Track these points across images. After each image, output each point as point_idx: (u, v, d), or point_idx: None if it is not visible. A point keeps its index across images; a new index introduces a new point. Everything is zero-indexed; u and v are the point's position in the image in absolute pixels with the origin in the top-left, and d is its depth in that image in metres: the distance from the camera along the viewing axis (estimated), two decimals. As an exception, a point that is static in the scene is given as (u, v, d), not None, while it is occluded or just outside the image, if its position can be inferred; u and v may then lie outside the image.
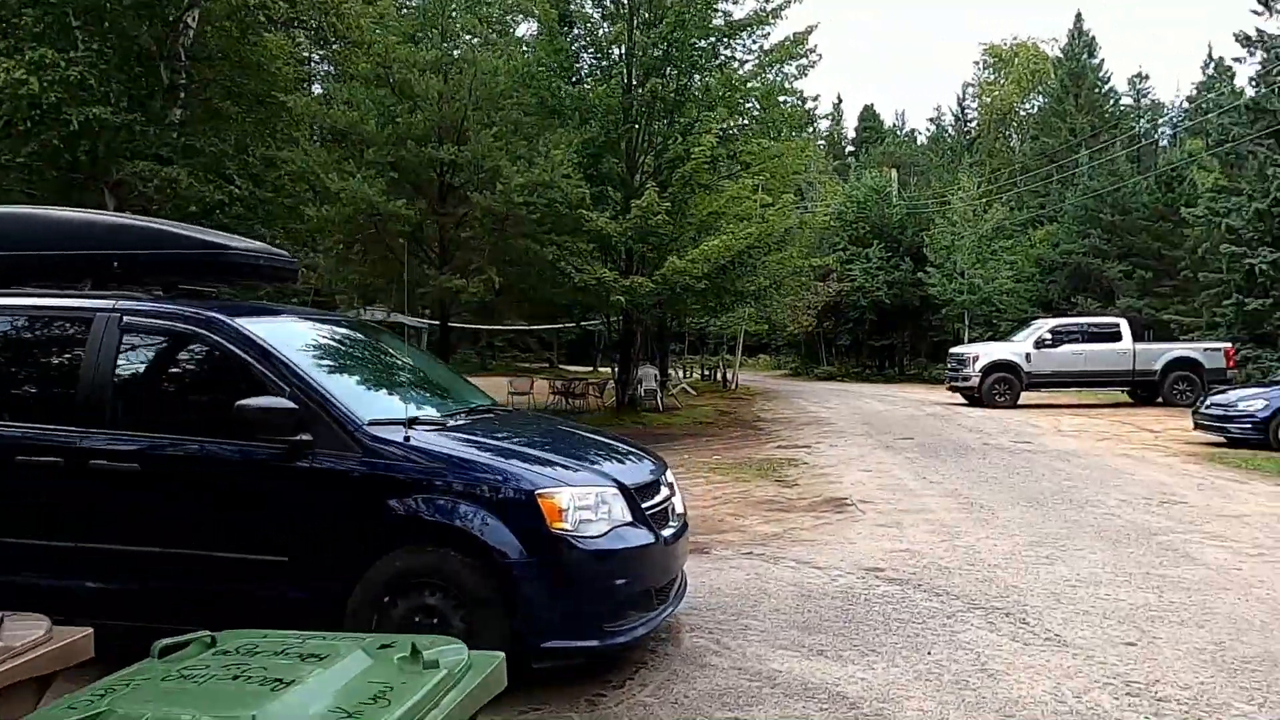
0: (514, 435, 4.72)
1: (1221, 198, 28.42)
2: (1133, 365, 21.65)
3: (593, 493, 4.16)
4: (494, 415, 5.18)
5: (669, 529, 4.64)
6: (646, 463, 4.89)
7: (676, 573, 4.79)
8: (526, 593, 3.94)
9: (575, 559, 3.99)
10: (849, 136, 71.18)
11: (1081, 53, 47.37)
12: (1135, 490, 9.85)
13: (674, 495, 5.00)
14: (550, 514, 3.97)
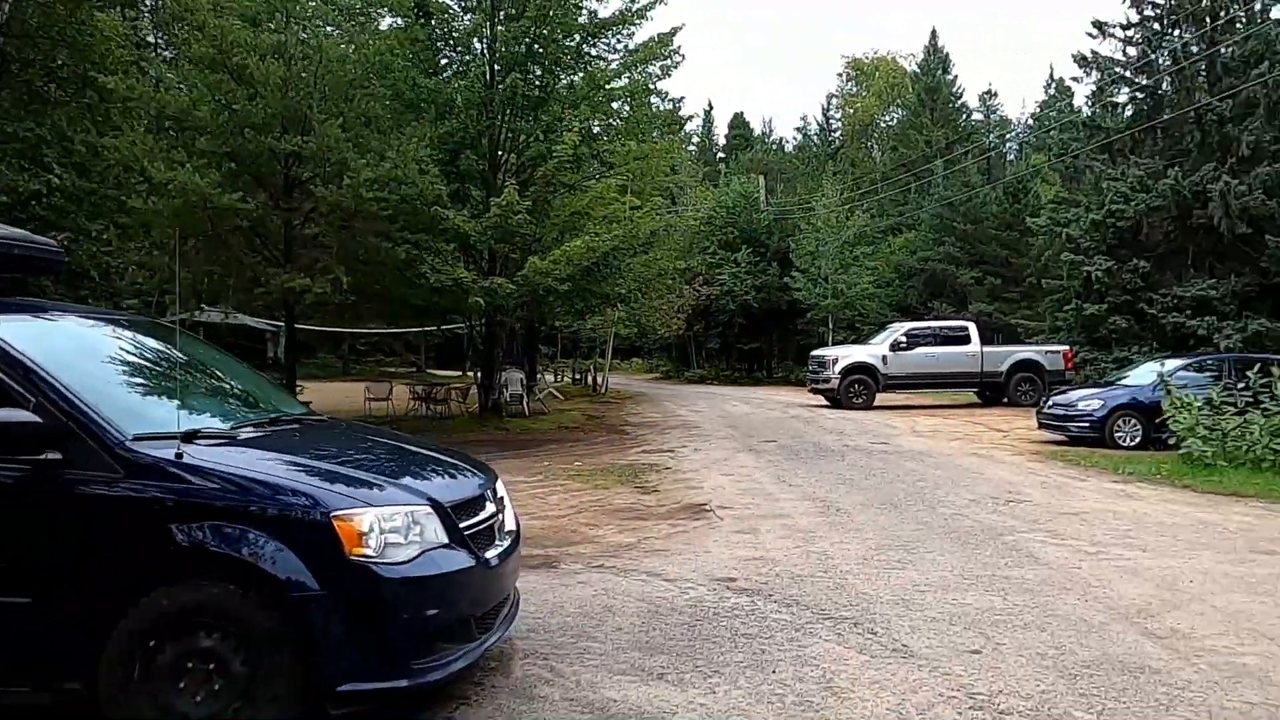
0: (317, 449, 4.20)
1: (1062, 209, 30.11)
2: (980, 367, 22.68)
3: (401, 513, 3.70)
4: (299, 426, 4.63)
5: (495, 549, 4.22)
6: (470, 476, 4.45)
7: (504, 595, 4.37)
8: (321, 630, 3.44)
9: (378, 589, 3.52)
10: (720, 143, 72.25)
11: (937, 69, 49.57)
12: (984, 490, 10.05)
13: (504, 510, 4.59)
14: (349, 539, 3.49)
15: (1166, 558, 6.80)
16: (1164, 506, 9.03)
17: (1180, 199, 25.64)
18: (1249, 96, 25.21)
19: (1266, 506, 9.06)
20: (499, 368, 19.74)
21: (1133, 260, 26.29)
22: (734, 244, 37.96)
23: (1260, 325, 23.84)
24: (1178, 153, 27.01)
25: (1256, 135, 24.81)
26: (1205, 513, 8.67)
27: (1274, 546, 7.11)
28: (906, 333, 23.32)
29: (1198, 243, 26.11)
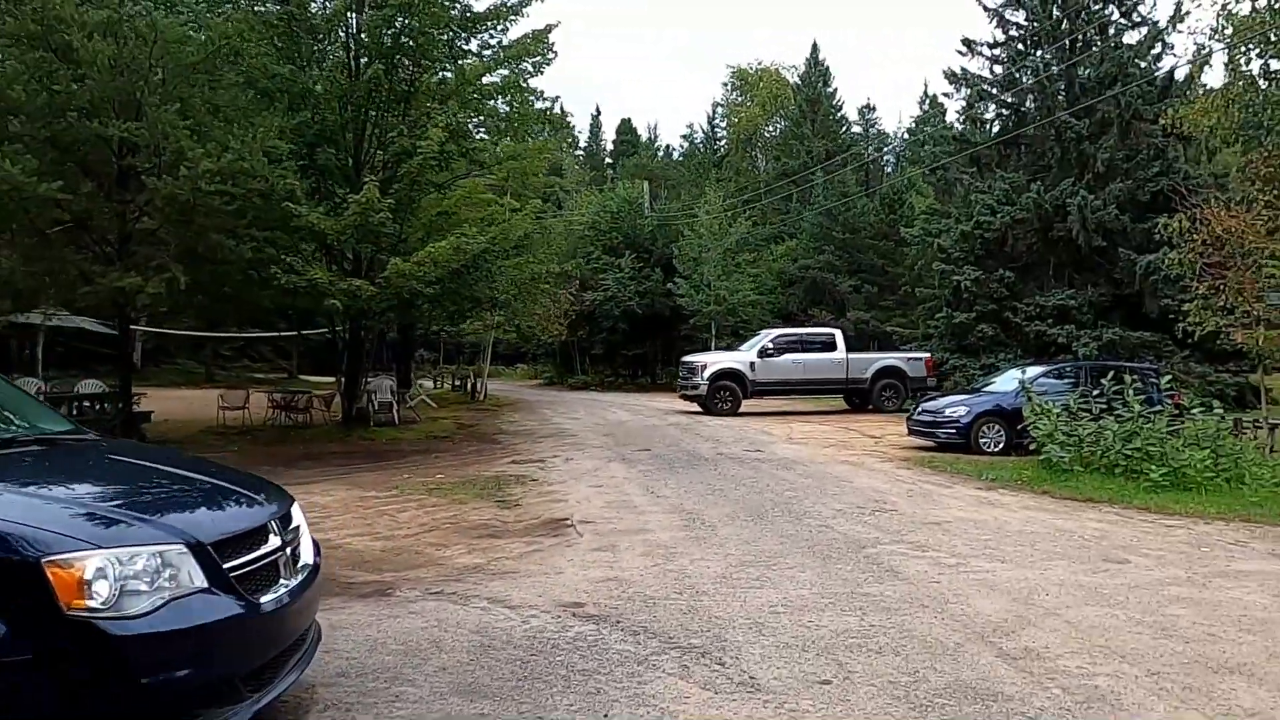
0: (55, 477, 3.52)
1: (934, 220, 31.04)
2: (846, 374, 23.02)
3: (145, 554, 3.07)
4: (41, 449, 3.91)
5: (278, 589, 3.61)
6: (251, 505, 3.83)
7: (293, 639, 3.77)
8: (29, 703, 2.79)
9: (105, 649, 2.89)
10: (608, 149, 72.09)
11: (818, 81, 50.62)
12: (851, 499, 9.91)
13: (298, 541, 3.99)
14: (65, 588, 2.85)
15: (1024, 569, 6.69)
16: (1024, 514, 9.05)
17: (1042, 212, 26.73)
18: (1104, 116, 26.49)
19: (1119, 512, 9.20)
20: (366, 374, 18.77)
21: (999, 270, 27.25)
22: (618, 249, 37.68)
23: (1114, 334, 25.03)
24: (1040, 168, 28.18)
25: (1110, 153, 26.08)
26: (1062, 520, 8.71)
27: (1125, 555, 7.12)
28: (774, 339, 23.52)
29: (1058, 254, 27.28)
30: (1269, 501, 9.41)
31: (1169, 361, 24.77)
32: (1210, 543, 7.65)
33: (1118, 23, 28.21)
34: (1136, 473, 10.54)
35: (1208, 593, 6.02)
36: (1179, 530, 8.19)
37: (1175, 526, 8.40)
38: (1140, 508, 9.36)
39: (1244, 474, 10.37)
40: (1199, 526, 8.39)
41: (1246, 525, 8.50)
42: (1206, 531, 8.14)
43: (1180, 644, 4.96)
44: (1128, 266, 25.43)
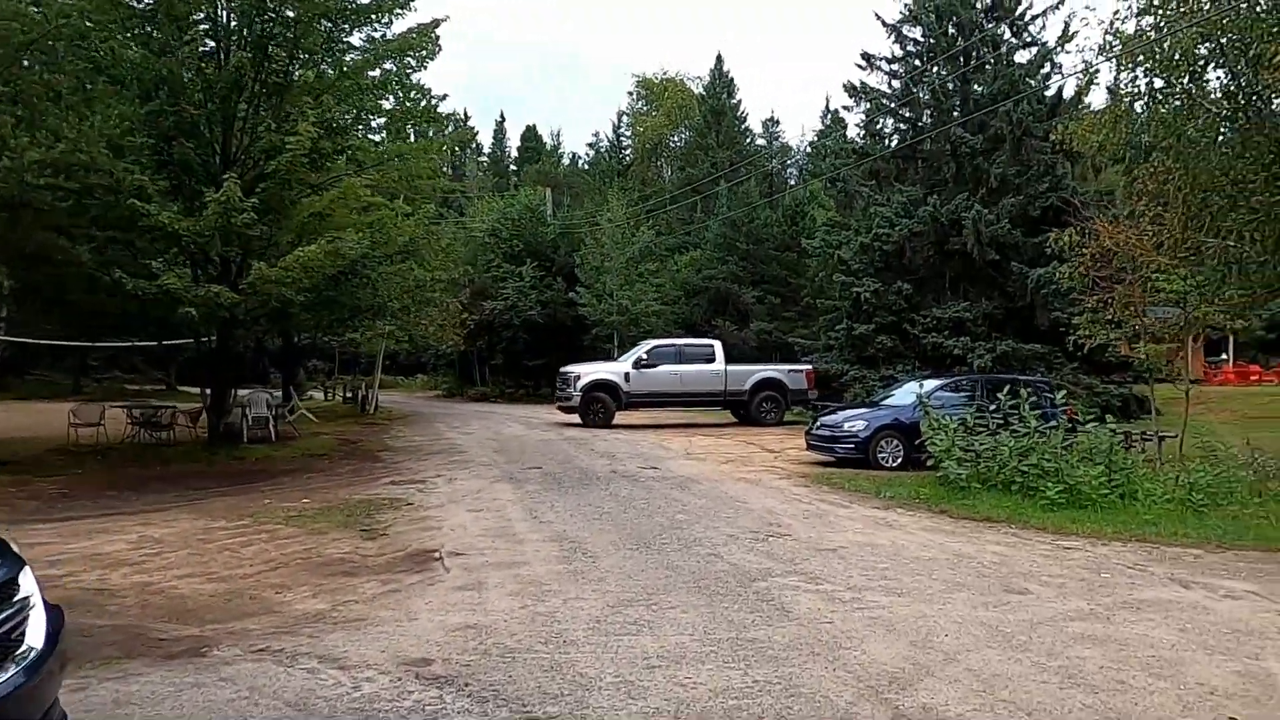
0: None
1: (834, 232, 31.13)
2: (724, 386, 22.58)
3: None
4: None
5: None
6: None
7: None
8: None
9: None
10: (512, 156, 70.97)
11: (722, 93, 50.71)
12: (745, 523, 9.35)
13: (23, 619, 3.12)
14: None
15: (922, 603, 6.21)
16: (922, 537, 8.65)
17: (938, 225, 27.02)
18: (997, 132, 26.98)
19: (1017, 533, 8.89)
20: (236, 387, 17.45)
21: (898, 282, 27.42)
22: (519, 257, 36.74)
23: (1007, 346, 25.40)
24: (937, 182, 28.53)
25: (1003, 169, 26.54)
26: (961, 543, 8.33)
27: (1026, 584, 6.72)
28: (650, 350, 23.11)
29: (954, 267, 27.63)
30: (1162, 519, 9.25)
31: (1059, 373, 25.29)
32: (1110, 567, 7.34)
33: (1009, 42, 28.86)
34: (1033, 490, 10.31)
35: (1113, 628, 5.63)
36: (1078, 553, 7.89)
37: (1074, 549, 8.09)
38: (1038, 528, 9.08)
39: (1137, 489, 10.25)
40: (1097, 548, 8.11)
41: (1143, 545, 8.28)
42: (1105, 554, 7.85)
43: (1088, 695, 4.50)
44: (1020, 280, 25.88)
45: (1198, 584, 6.75)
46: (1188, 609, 6.03)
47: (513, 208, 38.68)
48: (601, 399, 21.98)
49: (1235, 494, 9.99)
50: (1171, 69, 14.47)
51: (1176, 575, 7.05)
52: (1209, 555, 7.88)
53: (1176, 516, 9.39)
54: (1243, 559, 7.78)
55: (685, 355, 23.08)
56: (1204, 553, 8.00)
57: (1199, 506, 9.61)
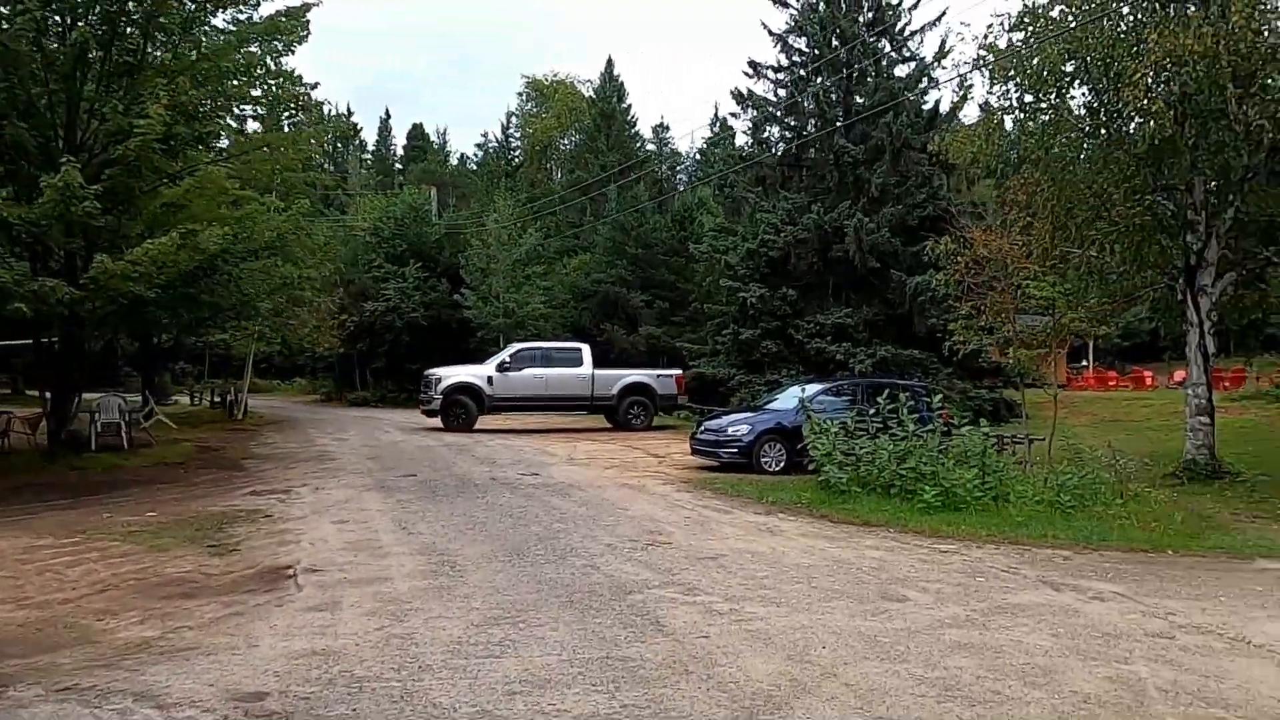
0: None
1: (722, 237, 31.33)
2: (591, 390, 22.20)
3: None
4: None
5: None
6: None
7: None
8: None
9: None
10: (398, 154, 69.13)
11: (612, 96, 50.60)
12: (625, 530, 9.05)
13: None
14: None
15: (801, 613, 6.02)
16: (802, 542, 8.52)
17: (822, 233, 27.50)
18: (878, 143, 27.66)
19: (896, 537, 8.87)
20: (84, 391, 16.10)
21: (783, 288, 27.79)
22: (403, 257, 35.59)
23: (887, 351, 26.02)
24: (821, 190, 29.04)
25: (884, 178, 27.22)
26: (841, 548, 8.24)
27: (904, 590, 6.63)
28: (515, 353, 22.74)
29: (837, 274, 28.16)
30: (1033, 521, 9.42)
31: (935, 378, 26.07)
32: (985, 570, 7.35)
33: (889, 55, 29.68)
34: (911, 493, 10.37)
35: (988, 634, 5.55)
36: (954, 557, 7.89)
37: (950, 552, 8.11)
38: (916, 531, 9.10)
39: (1009, 491, 10.44)
40: (972, 551, 8.15)
41: (1015, 548, 8.36)
42: (980, 557, 7.88)
43: (966, 707, 4.35)
44: (899, 287, 26.57)
45: (1068, 586, 6.80)
46: (1059, 613, 6.03)
47: (396, 207, 37.47)
48: (463, 403, 21.42)
49: (1100, 495, 10.28)
50: (1040, 85, 15.00)
51: (1048, 578, 7.10)
52: (1077, 556, 8.01)
53: (1046, 518, 9.57)
54: (1108, 559, 7.94)
55: (551, 358, 22.65)
56: (1073, 554, 8.13)
57: (1067, 508, 9.84)
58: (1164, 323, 18.36)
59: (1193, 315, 15.24)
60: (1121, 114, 14.73)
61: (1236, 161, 14.03)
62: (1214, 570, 7.50)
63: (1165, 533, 9.15)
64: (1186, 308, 15.46)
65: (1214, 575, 7.28)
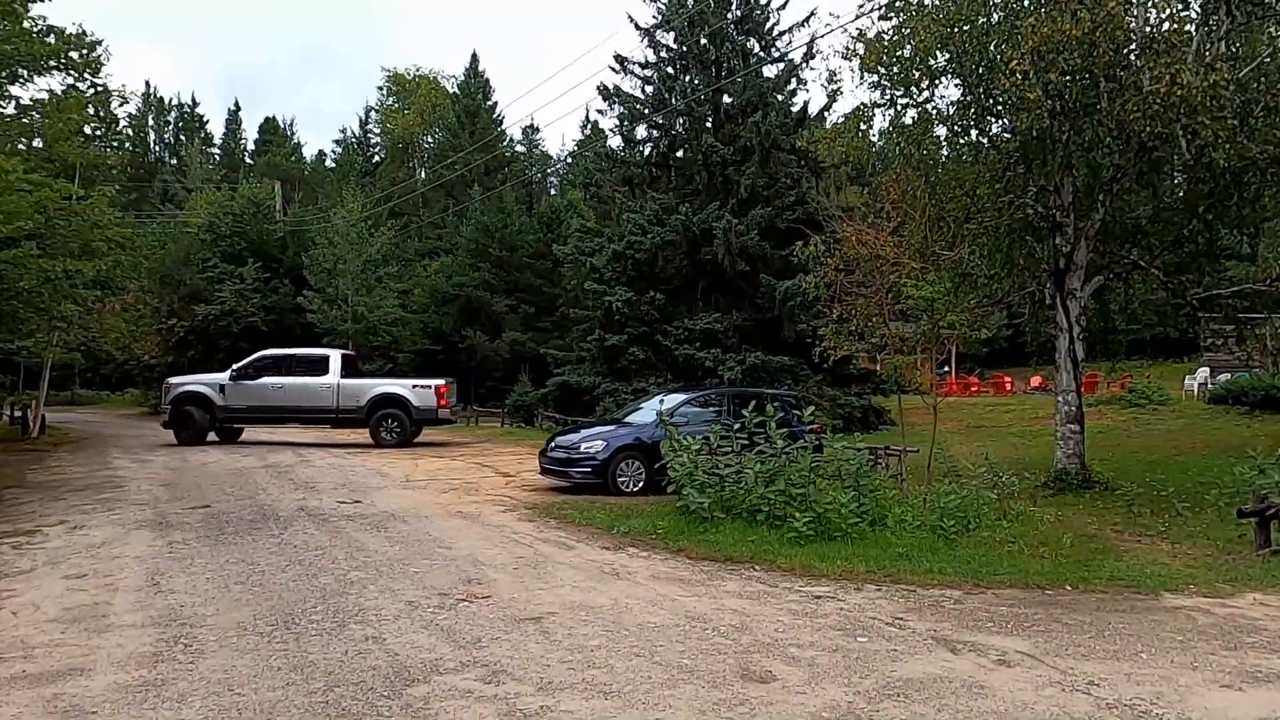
0: None
1: (587, 238, 29.87)
2: (336, 401, 20.11)
3: None
4: None
5: None
6: None
7: None
8: None
9: None
10: (249, 149, 64.75)
11: (477, 93, 48.56)
12: (438, 579, 7.35)
13: None
14: None
15: (637, 708, 4.51)
16: (652, 589, 7.04)
17: (690, 235, 26.43)
18: (747, 144, 26.82)
19: (763, 577, 7.52)
20: None
21: (650, 292, 26.57)
22: (241, 257, 32.57)
23: (756, 358, 25.14)
24: (690, 191, 27.99)
25: (753, 180, 26.38)
26: (697, 597, 6.80)
27: (771, 663, 5.22)
28: (254, 361, 20.66)
29: (706, 277, 27.14)
30: (914, 550, 8.27)
31: (805, 385, 25.36)
32: (866, 624, 6.05)
33: (758, 55, 28.95)
34: (780, 519, 9.08)
35: (877, 734, 4.18)
36: (829, 605, 6.58)
37: (825, 598, 6.79)
38: (785, 569, 7.77)
39: (887, 514, 9.29)
40: (851, 596, 6.86)
41: (899, 588, 7.14)
42: (860, 605, 6.59)
43: None
44: (769, 292, 25.77)
45: (966, 646, 5.56)
46: (963, 691, 4.74)
47: (236, 202, 34.33)
48: (190, 414, 19.50)
49: (983, 517, 9.27)
50: (910, 80, 14.19)
51: (941, 633, 5.86)
52: (969, 598, 6.84)
53: (929, 546, 8.45)
54: (1003, 600, 6.80)
55: (293, 366, 20.46)
56: (963, 594, 6.97)
57: (950, 534, 8.76)
58: (1030, 327, 17.95)
59: (1062, 320, 14.73)
60: (993, 110, 14.09)
61: (1107, 159, 13.54)
62: (1122, 612, 6.45)
63: (1057, 561, 8.17)
64: (1056, 312, 14.97)
65: (1124, 621, 6.21)
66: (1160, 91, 10.96)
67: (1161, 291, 16.04)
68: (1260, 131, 12.60)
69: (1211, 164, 12.37)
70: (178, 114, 61.42)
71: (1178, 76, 10.94)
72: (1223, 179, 13.28)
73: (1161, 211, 15.13)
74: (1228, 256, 23.38)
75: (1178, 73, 10.99)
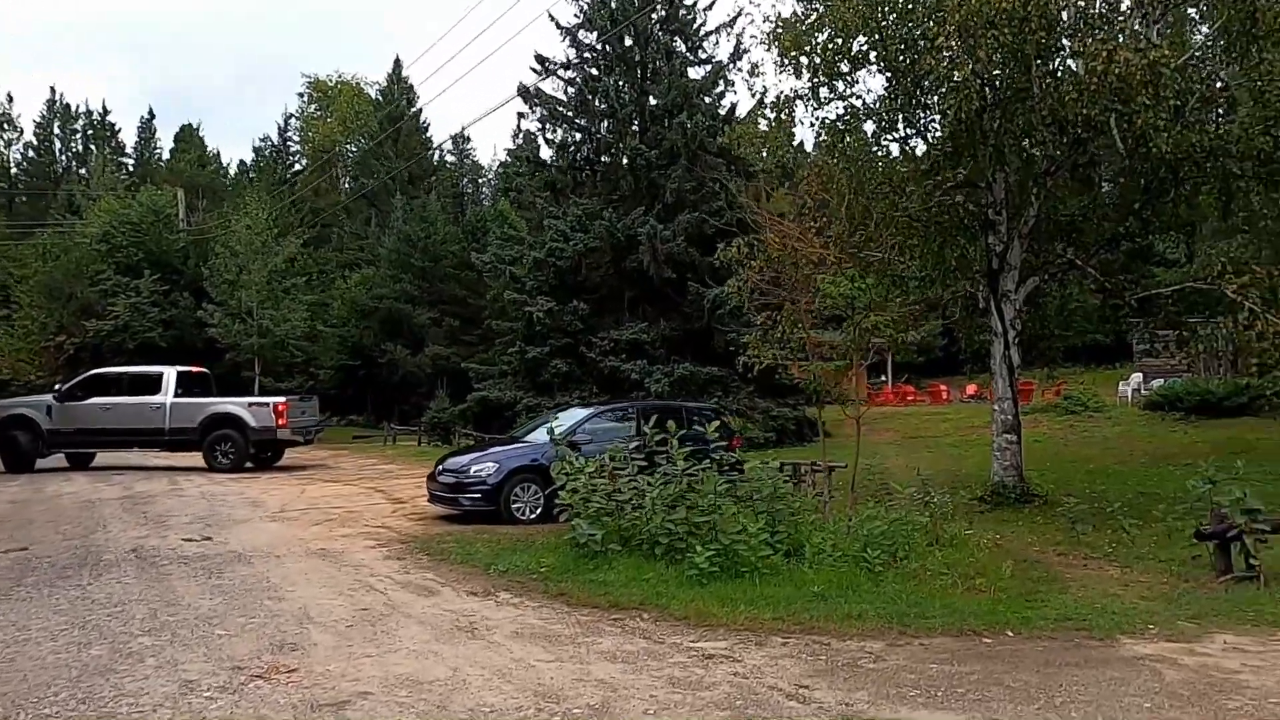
0: None
1: (508, 246, 28.51)
2: (166, 422, 18.22)
3: None
4: None
5: None
6: None
7: None
8: None
9: None
10: (163, 158, 61.87)
11: (400, 99, 46.86)
12: (244, 645, 5.90)
13: None
14: None
15: None
16: (508, 653, 5.70)
17: (615, 242, 25.23)
18: (673, 146, 25.73)
19: (650, 630, 6.22)
20: None
21: (574, 302, 25.28)
22: (138, 268, 30.41)
23: (685, 369, 23.98)
24: (614, 196, 26.79)
25: (679, 183, 25.26)
26: (559, 663, 5.48)
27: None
28: (83, 380, 19.04)
29: (632, 286, 25.95)
30: (833, 589, 7.07)
31: (735, 396, 24.27)
32: (762, 698, 4.79)
33: (684, 55, 27.92)
34: (682, 553, 7.80)
35: None
36: (720, 669, 5.31)
37: (717, 658, 5.52)
38: (679, 617, 6.50)
39: (803, 542, 8.09)
40: (750, 655, 5.60)
41: (810, 640, 5.91)
42: (758, 668, 5.34)
43: None
44: (697, 300, 24.67)
45: (882, 729, 4.33)
46: (874, 810, 3.49)
47: (133, 210, 32.12)
48: (15, 438, 17.84)
49: (913, 545, 8.12)
50: (834, 65, 13.17)
51: (854, 707, 4.63)
52: (892, 652, 5.63)
53: (850, 582, 7.26)
54: (933, 653, 5.61)
55: (124, 385, 18.75)
56: (886, 646, 5.77)
57: (874, 566, 7.59)
58: (964, 333, 17.06)
59: (996, 324, 13.81)
60: (921, 100, 13.13)
61: (1040, 151, 12.67)
62: (1074, 667, 5.30)
63: (996, 596, 7.05)
64: (990, 316, 14.05)
65: (1079, 680, 5.05)
66: (1098, 70, 10.03)
67: (1098, 293, 15.25)
68: (1195, 124, 11.85)
69: (1148, 155, 11.54)
70: (86, 122, 58.42)
71: (1115, 54, 10.04)
72: (1159, 172, 12.48)
73: (1097, 208, 14.36)
74: (1158, 264, 23.00)
75: (1114, 50, 10.09)
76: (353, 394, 38.39)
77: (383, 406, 36.53)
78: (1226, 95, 12.74)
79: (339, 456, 22.87)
